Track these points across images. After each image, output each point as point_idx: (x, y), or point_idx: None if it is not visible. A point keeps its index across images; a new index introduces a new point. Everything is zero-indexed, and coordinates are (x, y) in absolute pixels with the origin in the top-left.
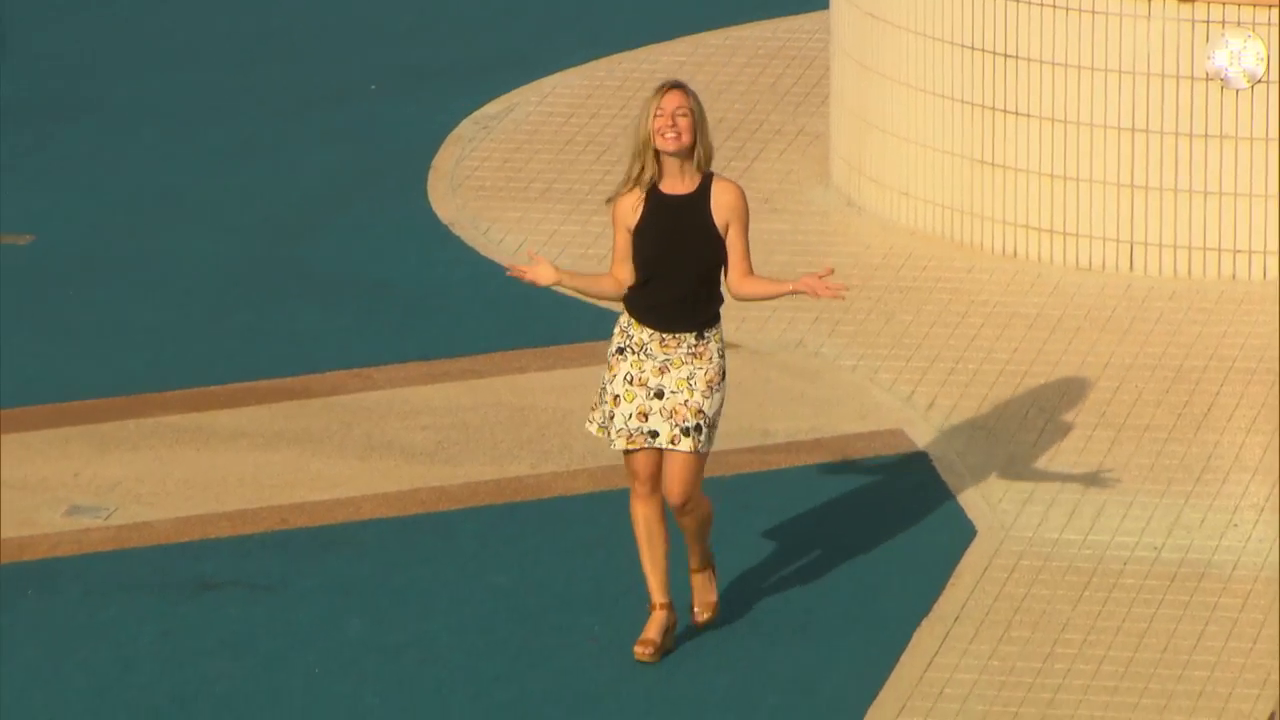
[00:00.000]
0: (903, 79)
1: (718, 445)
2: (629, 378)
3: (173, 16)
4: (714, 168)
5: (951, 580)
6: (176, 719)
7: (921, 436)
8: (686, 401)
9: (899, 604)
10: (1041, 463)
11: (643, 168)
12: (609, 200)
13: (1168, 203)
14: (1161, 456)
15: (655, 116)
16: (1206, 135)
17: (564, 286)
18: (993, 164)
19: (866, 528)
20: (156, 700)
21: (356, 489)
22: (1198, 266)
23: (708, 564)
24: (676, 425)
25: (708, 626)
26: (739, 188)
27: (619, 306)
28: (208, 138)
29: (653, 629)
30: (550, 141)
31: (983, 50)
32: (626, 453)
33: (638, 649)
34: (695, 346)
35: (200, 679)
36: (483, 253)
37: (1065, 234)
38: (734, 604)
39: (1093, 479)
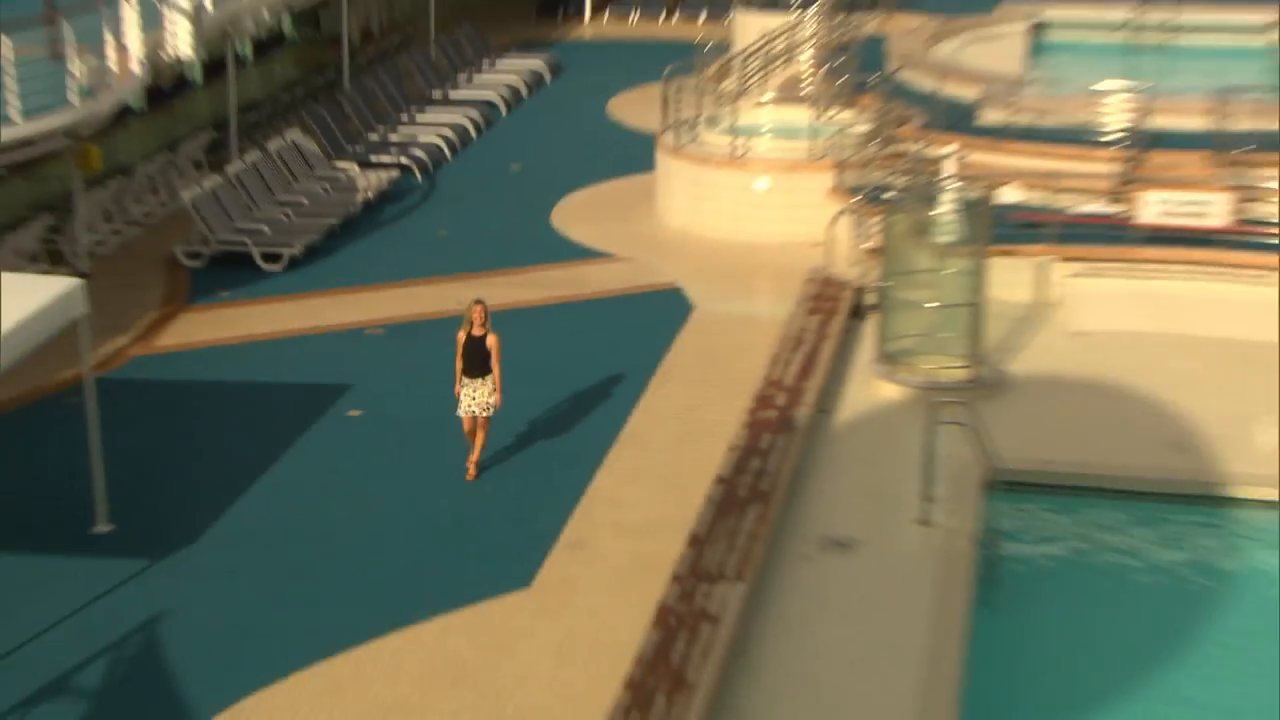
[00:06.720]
0: None
1: None
2: (466, 394)
3: None
4: None
5: None
6: None
7: None
8: (485, 404)
9: None
10: None
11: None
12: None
13: None
14: None
15: (474, 317)
16: None
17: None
18: None
19: None
20: None
21: None
22: None
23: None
24: (483, 410)
25: None
26: (496, 336)
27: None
28: None
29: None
30: None
31: None
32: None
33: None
34: (484, 381)
35: None
36: None
37: None
38: None
39: None
